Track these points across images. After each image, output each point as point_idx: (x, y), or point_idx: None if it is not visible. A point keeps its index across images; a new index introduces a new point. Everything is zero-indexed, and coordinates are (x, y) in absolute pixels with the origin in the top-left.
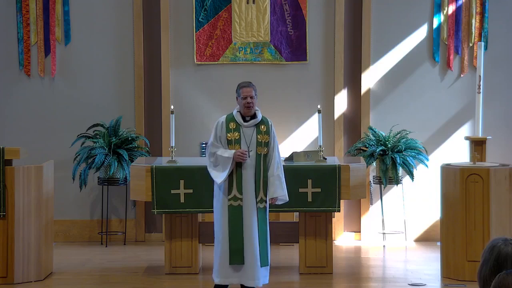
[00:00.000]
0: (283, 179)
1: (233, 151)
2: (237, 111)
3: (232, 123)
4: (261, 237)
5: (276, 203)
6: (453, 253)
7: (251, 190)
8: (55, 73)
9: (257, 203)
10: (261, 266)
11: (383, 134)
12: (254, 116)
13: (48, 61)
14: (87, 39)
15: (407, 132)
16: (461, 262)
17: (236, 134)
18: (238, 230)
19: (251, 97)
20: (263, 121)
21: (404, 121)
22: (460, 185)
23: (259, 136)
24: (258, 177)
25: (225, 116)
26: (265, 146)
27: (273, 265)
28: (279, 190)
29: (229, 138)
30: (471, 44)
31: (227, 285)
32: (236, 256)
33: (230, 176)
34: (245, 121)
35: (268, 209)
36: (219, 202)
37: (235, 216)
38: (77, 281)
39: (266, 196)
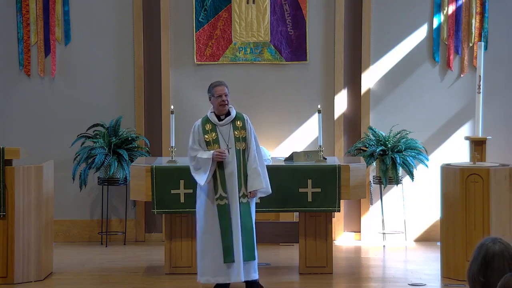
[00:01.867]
0: (263, 171)
1: (212, 151)
2: (211, 112)
3: (208, 125)
4: (244, 232)
5: (258, 196)
6: (453, 253)
7: (234, 187)
8: (55, 73)
9: (239, 198)
10: (245, 261)
11: (383, 134)
12: (228, 114)
13: (48, 61)
14: (87, 39)
15: (407, 132)
16: (461, 262)
17: (213, 134)
18: (228, 228)
19: (226, 95)
20: (238, 117)
21: (404, 121)
22: (460, 185)
23: (236, 132)
24: (239, 173)
25: (200, 119)
26: (243, 141)
27: (273, 265)
28: (257, 183)
29: (207, 139)
30: (471, 44)
31: (228, 284)
32: (229, 254)
33: (214, 175)
34: (220, 120)
35: (253, 203)
36: (204, 202)
37: (223, 215)
38: (77, 281)
39: (247, 190)
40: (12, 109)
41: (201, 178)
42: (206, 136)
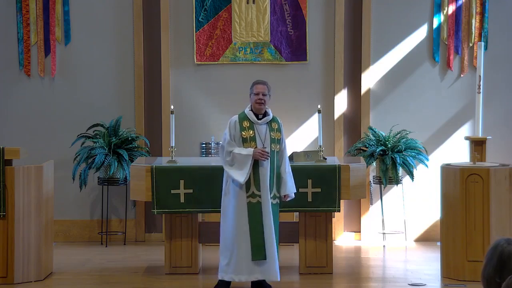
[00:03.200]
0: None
1: (252, 149)
2: (250, 110)
3: (245, 122)
4: (275, 232)
5: (287, 199)
6: (453, 253)
7: (266, 187)
8: (55, 73)
9: (270, 199)
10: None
11: (383, 134)
12: (265, 114)
13: (48, 61)
14: (87, 39)
15: (407, 132)
16: (461, 262)
17: (250, 132)
18: (259, 226)
19: (263, 94)
20: (274, 119)
21: (404, 121)
22: (460, 185)
23: (272, 133)
24: (272, 174)
25: (237, 115)
26: (278, 143)
27: None
28: (292, 188)
29: (244, 136)
30: (471, 44)
31: (229, 283)
32: (259, 252)
33: None
34: (258, 118)
35: (279, 205)
36: (233, 199)
37: (255, 213)
38: (77, 281)
39: (278, 193)
40: (12, 109)
41: (240, 175)
42: (243, 133)
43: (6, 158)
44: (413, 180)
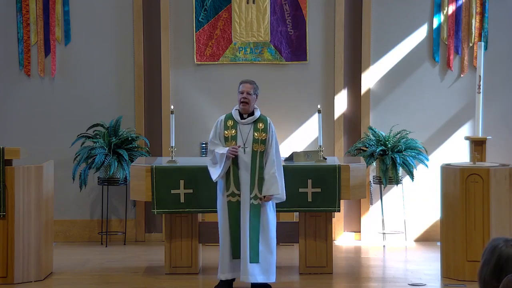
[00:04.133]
0: (280, 178)
1: (227, 148)
2: (236, 109)
3: (230, 121)
4: (251, 233)
5: (273, 201)
6: (453, 253)
7: (246, 187)
8: (55, 73)
9: (250, 199)
10: (250, 262)
11: (383, 134)
12: (252, 114)
13: (48, 61)
14: (87, 39)
15: (407, 132)
16: (461, 262)
17: (233, 131)
18: (237, 225)
19: (248, 93)
20: (261, 119)
21: (404, 121)
22: (460, 185)
23: (256, 134)
24: (253, 174)
25: (225, 114)
26: (262, 144)
27: None
28: (273, 189)
29: (226, 135)
30: (471, 44)
31: (232, 282)
32: (236, 250)
33: (227, 172)
34: (242, 118)
35: (269, 206)
36: (220, 198)
37: (233, 212)
38: (77, 281)
39: (261, 193)
40: (12, 109)
41: (214, 173)
42: (226, 132)
43: (6, 158)
44: (413, 180)
